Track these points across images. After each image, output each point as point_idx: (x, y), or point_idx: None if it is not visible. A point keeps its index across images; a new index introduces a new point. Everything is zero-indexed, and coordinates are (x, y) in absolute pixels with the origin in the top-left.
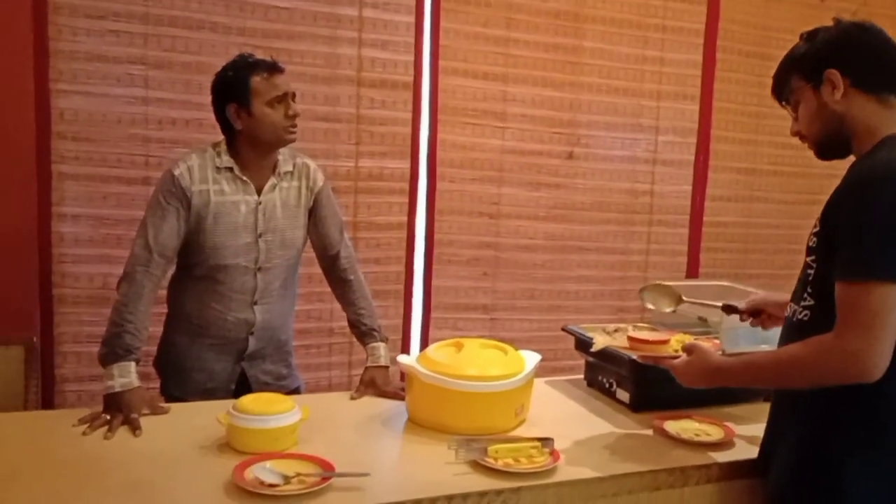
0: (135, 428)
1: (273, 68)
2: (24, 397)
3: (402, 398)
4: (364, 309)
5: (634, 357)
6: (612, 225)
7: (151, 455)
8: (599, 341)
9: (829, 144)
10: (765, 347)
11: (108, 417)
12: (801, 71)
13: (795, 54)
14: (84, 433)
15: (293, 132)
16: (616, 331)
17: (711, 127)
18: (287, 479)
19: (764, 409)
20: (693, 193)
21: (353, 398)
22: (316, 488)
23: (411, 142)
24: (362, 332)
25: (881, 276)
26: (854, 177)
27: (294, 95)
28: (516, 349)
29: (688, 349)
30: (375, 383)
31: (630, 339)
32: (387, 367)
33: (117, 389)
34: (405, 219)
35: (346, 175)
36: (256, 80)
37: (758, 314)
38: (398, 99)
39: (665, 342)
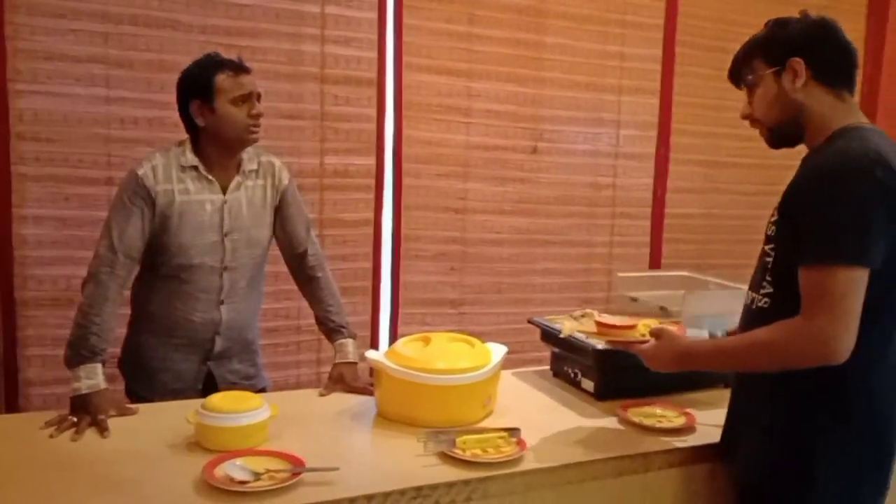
0: (102, 429)
1: (239, 68)
2: None
3: (371, 393)
4: (332, 306)
5: (600, 345)
6: (576, 218)
7: (121, 455)
8: (568, 327)
9: (782, 132)
10: (724, 334)
11: (76, 419)
12: (765, 55)
13: (761, 39)
14: (51, 436)
15: (255, 132)
16: (583, 316)
17: (672, 120)
18: (257, 476)
19: (724, 395)
20: (654, 186)
21: (321, 395)
22: (286, 484)
23: (376, 138)
24: (331, 329)
25: (846, 260)
26: (814, 167)
27: (259, 96)
28: (483, 342)
29: (656, 334)
30: (344, 379)
31: (598, 324)
32: (355, 364)
33: (84, 391)
34: (372, 215)
35: (312, 172)
36: (222, 78)
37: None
38: (362, 95)
39: (632, 327)
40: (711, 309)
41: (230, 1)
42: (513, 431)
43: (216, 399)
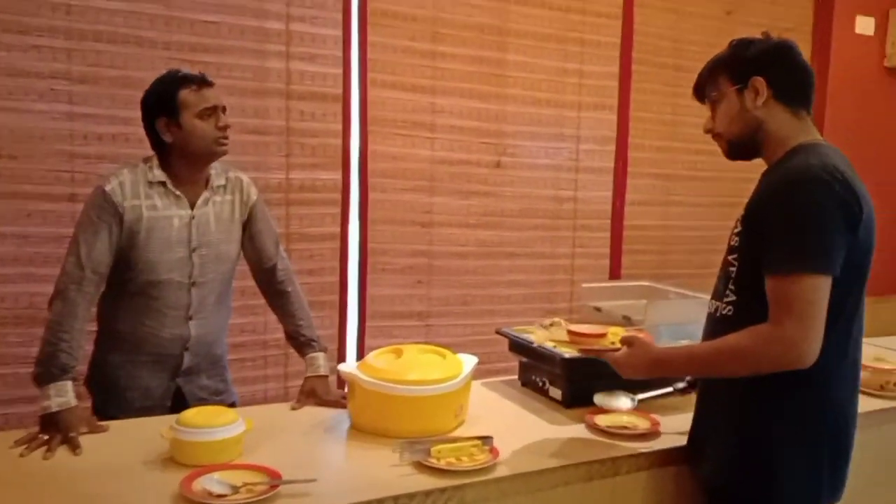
0: (74, 447)
1: (202, 81)
2: None
3: (344, 406)
4: (303, 320)
5: (567, 355)
6: (539, 230)
7: (96, 472)
8: (540, 336)
9: (740, 146)
10: (685, 341)
11: (47, 437)
12: (729, 73)
13: (726, 57)
14: (22, 454)
15: (224, 144)
16: (552, 325)
17: (629, 135)
18: (235, 489)
19: (686, 401)
20: (613, 199)
21: (293, 408)
22: (265, 496)
23: (342, 153)
24: (301, 343)
25: (811, 268)
26: (777, 181)
27: (224, 109)
28: (454, 353)
29: (627, 341)
30: (316, 393)
31: (570, 332)
32: (327, 377)
33: (54, 409)
34: (338, 229)
35: (278, 187)
36: (185, 93)
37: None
38: (328, 111)
39: (603, 335)
40: (672, 318)
41: (195, 18)
42: (485, 440)
43: (190, 414)
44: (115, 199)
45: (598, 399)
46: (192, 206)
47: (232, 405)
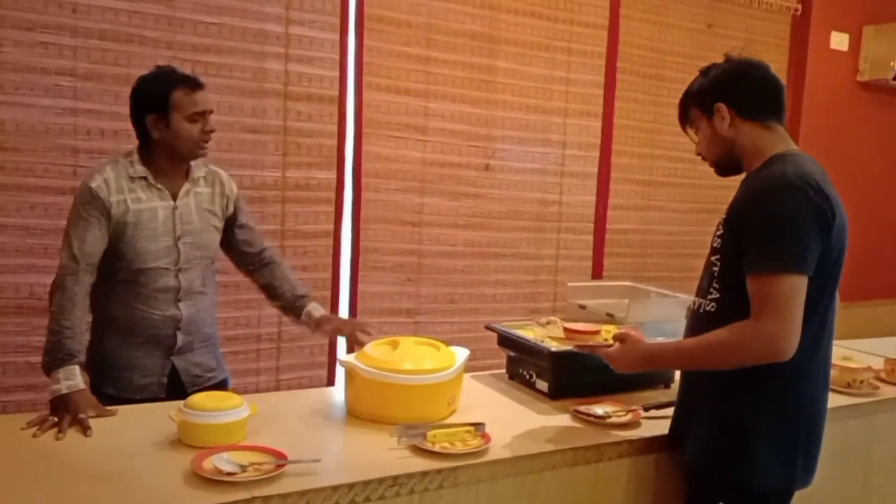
0: (85, 427)
1: (196, 84)
2: None
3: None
4: (297, 282)
5: (553, 348)
6: (524, 232)
7: (108, 452)
8: (538, 332)
9: (724, 164)
10: (660, 338)
11: (57, 419)
12: (697, 103)
13: (693, 89)
14: (34, 435)
15: (205, 147)
16: (548, 323)
17: (613, 142)
18: (243, 468)
19: (665, 394)
20: (597, 203)
21: (360, 341)
22: (273, 475)
23: (337, 153)
24: (298, 299)
25: (789, 268)
26: (755, 187)
27: (211, 112)
28: (447, 345)
29: (620, 338)
30: (333, 321)
31: (566, 329)
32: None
33: (64, 391)
34: (332, 227)
35: (274, 185)
36: (178, 95)
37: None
38: (324, 112)
39: (597, 332)
40: (653, 315)
41: (197, 19)
42: (478, 426)
43: (198, 398)
44: (101, 195)
45: None
46: (174, 198)
47: (223, 381)
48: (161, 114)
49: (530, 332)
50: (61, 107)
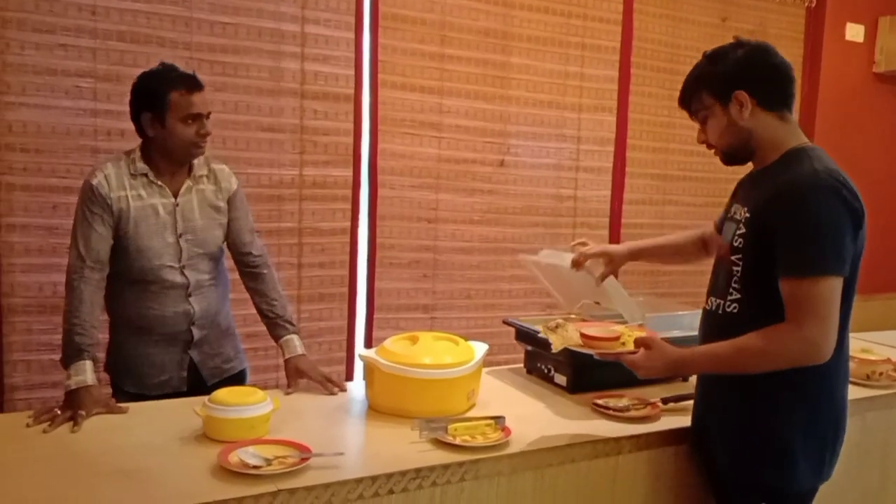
0: (74, 423)
1: (193, 86)
2: None
3: (335, 385)
4: (276, 300)
5: (594, 354)
6: (539, 228)
7: (133, 448)
8: (556, 340)
9: (735, 154)
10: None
11: (58, 412)
12: (710, 90)
13: (705, 73)
14: (28, 425)
15: (200, 148)
16: (557, 326)
17: (627, 136)
18: (268, 462)
19: (683, 386)
20: (612, 198)
21: (287, 394)
22: (297, 468)
23: (353, 151)
24: (275, 324)
25: (828, 271)
26: (786, 186)
27: (209, 115)
28: (466, 340)
29: (644, 343)
30: (301, 370)
31: (583, 336)
32: (304, 355)
33: (73, 387)
34: (348, 224)
35: (291, 183)
36: (174, 96)
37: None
38: (340, 110)
39: (617, 338)
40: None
41: (214, 19)
42: (498, 419)
43: (223, 393)
44: (102, 191)
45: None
46: (176, 195)
47: (242, 372)
48: (156, 113)
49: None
50: (81, 108)
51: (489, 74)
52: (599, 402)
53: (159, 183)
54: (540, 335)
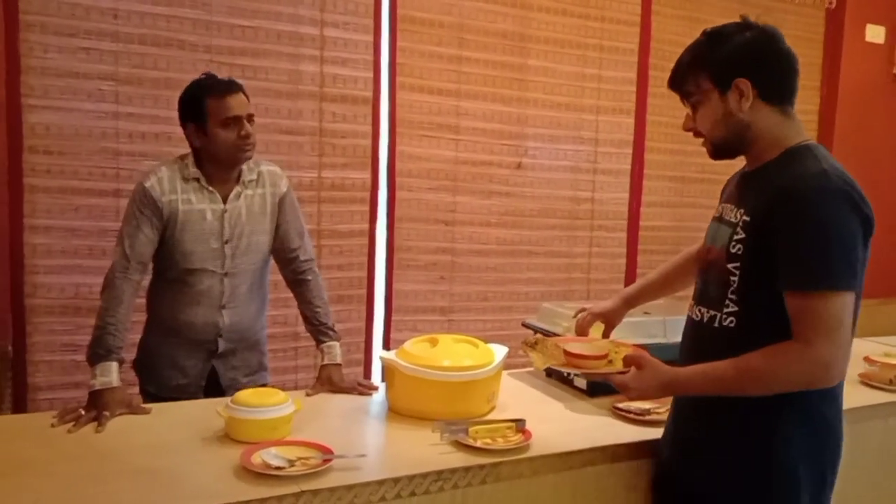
0: (98, 424)
1: (226, 90)
2: None
3: (360, 393)
4: (320, 308)
5: (579, 374)
6: (557, 230)
7: (156, 448)
8: (537, 360)
9: (726, 148)
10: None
11: (82, 412)
12: (709, 73)
13: (704, 54)
14: (52, 424)
15: (246, 150)
16: (536, 343)
17: (645, 139)
18: (291, 463)
19: None
20: (630, 200)
21: (308, 395)
22: (319, 469)
23: (371, 153)
24: (317, 330)
25: (840, 286)
26: (791, 188)
27: (250, 117)
28: (486, 342)
29: (635, 363)
30: (332, 380)
31: (567, 353)
32: (341, 365)
33: (97, 388)
34: (366, 226)
35: (310, 185)
36: (210, 102)
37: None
38: (358, 113)
39: (604, 356)
40: None
41: (234, 22)
42: (518, 422)
43: (245, 394)
44: (153, 194)
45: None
46: (225, 201)
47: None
48: (198, 122)
49: (535, 360)
50: (103, 111)
51: (506, 77)
52: (620, 405)
53: (210, 188)
54: (559, 338)
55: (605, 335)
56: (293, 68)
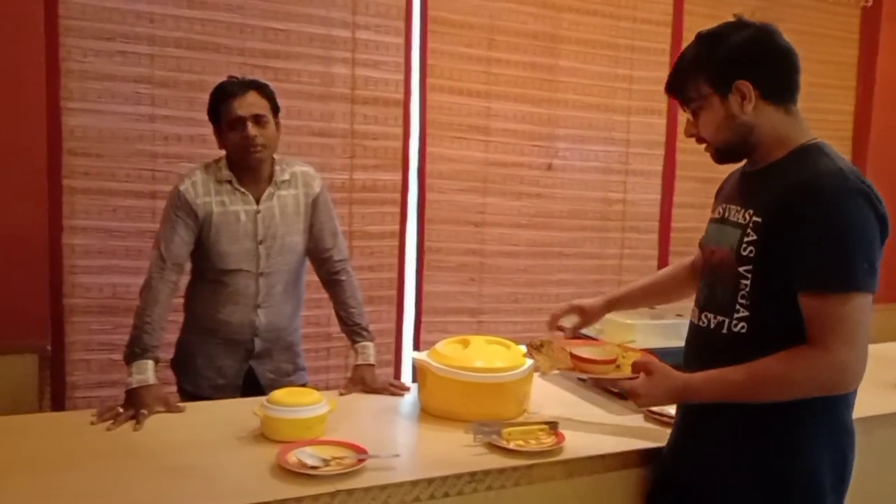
0: (136, 422)
1: (233, 93)
2: (38, 403)
3: (392, 393)
4: (354, 308)
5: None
6: (588, 232)
7: (192, 446)
8: (543, 363)
9: (731, 152)
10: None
11: (120, 410)
12: (708, 77)
13: (701, 57)
14: (91, 422)
15: (254, 152)
16: (542, 345)
17: (677, 139)
18: (326, 462)
19: None
20: (661, 201)
21: (341, 394)
22: (354, 469)
23: (402, 155)
24: (352, 330)
25: (858, 287)
26: (804, 187)
27: (257, 117)
28: (517, 344)
29: (645, 369)
30: (364, 381)
31: (574, 357)
32: (374, 366)
33: (134, 385)
34: (397, 228)
35: (342, 187)
36: (223, 106)
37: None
38: (389, 115)
39: (612, 361)
40: None
41: (266, 26)
42: (552, 424)
43: (280, 394)
44: (188, 197)
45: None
46: (258, 201)
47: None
48: (217, 125)
49: (541, 364)
50: (140, 113)
51: (537, 77)
52: (653, 408)
53: (242, 190)
54: (593, 339)
55: (577, 328)
56: (325, 71)
